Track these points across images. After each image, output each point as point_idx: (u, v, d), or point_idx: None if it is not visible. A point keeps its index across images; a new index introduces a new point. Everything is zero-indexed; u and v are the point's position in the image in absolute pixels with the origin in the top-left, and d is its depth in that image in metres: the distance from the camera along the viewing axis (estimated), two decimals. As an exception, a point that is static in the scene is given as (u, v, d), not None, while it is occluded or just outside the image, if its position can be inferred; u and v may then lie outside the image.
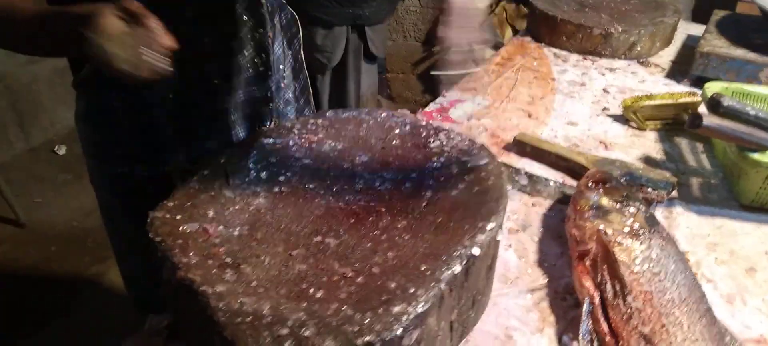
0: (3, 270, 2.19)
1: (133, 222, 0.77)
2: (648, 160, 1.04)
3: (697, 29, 1.63)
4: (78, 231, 2.37)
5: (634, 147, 1.09)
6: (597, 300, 0.69)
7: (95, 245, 2.28)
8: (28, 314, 1.99)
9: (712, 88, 1.05)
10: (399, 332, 0.52)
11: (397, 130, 0.86)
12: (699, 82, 1.26)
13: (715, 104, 0.87)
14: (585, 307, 0.68)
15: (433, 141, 0.83)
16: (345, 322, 0.53)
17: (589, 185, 0.84)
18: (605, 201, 0.79)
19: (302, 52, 1.08)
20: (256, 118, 0.94)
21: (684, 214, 0.91)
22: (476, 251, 0.61)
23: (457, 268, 0.59)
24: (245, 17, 0.86)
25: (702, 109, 1.04)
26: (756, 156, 0.87)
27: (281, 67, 1.00)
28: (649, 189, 0.91)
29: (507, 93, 1.30)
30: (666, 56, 1.48)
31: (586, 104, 1.25)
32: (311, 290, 0.57)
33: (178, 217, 0.68)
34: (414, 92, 3.27)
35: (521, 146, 1.07)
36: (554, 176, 1.00)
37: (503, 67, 1.42)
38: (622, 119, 1.17)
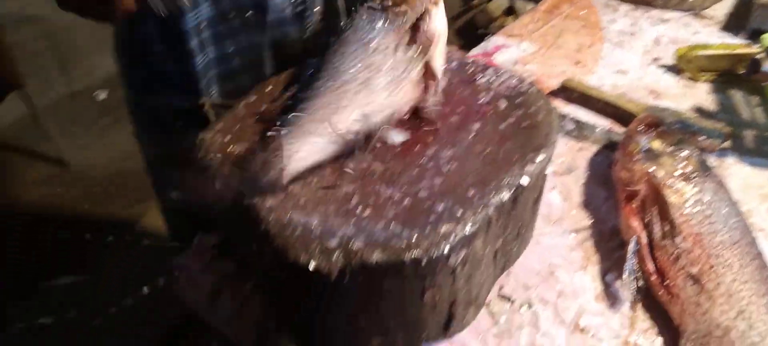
0: (46, 208, 2.28)
1: (170, 155, 0.79)
2: (700, 112, 1.00)
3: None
4: (118, 173, 2.43)
5: (686, 98, 1.05)
6: (644, 240, 0.67)
7: (135, 188, 2.34)
8: (68, 252, 2.07)
9: (774, 38, 1.00)
10: (446, 250, 0.52)
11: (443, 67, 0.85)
12: (755, 35, 1.20)
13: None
14: (631, 246, 0.67)
15: (481, 78, 0.81)
16: (393, 237, 0.53)
17: (640, 129, 0.81)
18: (656, 145, 0.77)
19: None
20: (290, 60, 0.94)
21: (736, 164, 0.88)
22: (525, 180, 0.61)
23: (506, 195, 0.59)
24: None
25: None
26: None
27: (317, 9, 0.98)
28: (702, 138, 0.88)
29: (553, 41, 1.26)
30: (721, 8, 1.41)
31: (636, 54, 1.21)
32: (359, 209, 0.58)
33: (228, 137, 0.68)
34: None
35: (568, 92, 1.04)
36: (602, 123, 0.98)
37: (549, 16, 1.37)
38: (674, 70, 1.13)
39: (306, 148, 0.61)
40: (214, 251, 0.74)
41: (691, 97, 1.05)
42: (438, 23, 0.73)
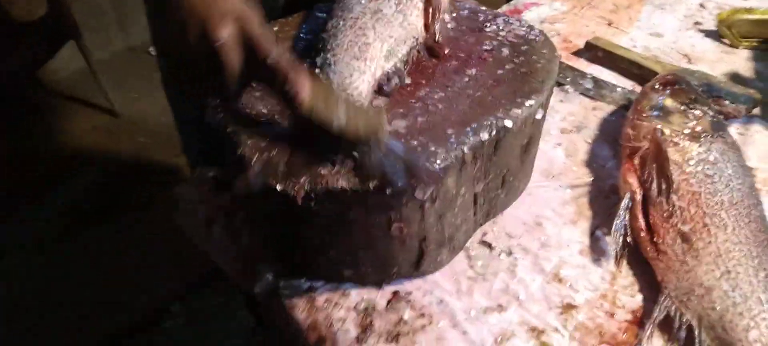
0: (97, 154, 2.41)
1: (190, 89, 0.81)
2: (735, 78, 0.94)
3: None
4: (166, 126, 2.51)
5: (722, 63, 0.98)
6: (638, 197, 0.65)
7: (179, 141, 2.44)
8: (115, 197, 2.19)
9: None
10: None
11: (454, 14, 0.83)
12: (813, 2, 1.10)
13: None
14: (624, 202, 0.64)
15: (490, 26, 0.79)
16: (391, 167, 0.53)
17: (656, 86, 0.77)
18: (669, 102, 0.73)
19: None
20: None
21: (761, 132, 0.82)
22: (508, 123, 0.59)
23: (485, 136, 0.57)
24: None
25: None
26: None
27: None
28: (727, 102, 0.83)
29: (589, 1, 1.20)
30: (783, -24, 1.30)
31: (676, 18, 1.14)
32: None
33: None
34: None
35: (593, 51, 1.00)
36: (624, 84, 0.93)
37: (589, -24, 1.31)
38: (714, 35, 1.06)
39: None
40: (212, 183, 0.77)
41: (727, 63, 0.99)
42: None
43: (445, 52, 0.71)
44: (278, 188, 0.53)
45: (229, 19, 0.51)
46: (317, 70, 0.63)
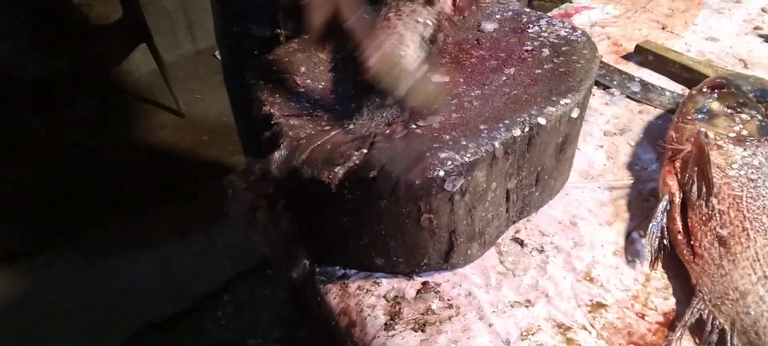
0: (163, 149, 2.56)
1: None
2: (795, 83, 0.89)
3: None
4: (226, 125, 2.65)
5: (782, 69, 0.94)
6: (677, 200, 0.63)
7: (237, 139, 2.55)
8: (177, 188, 2.31)
9: None
10: (441, 174, 0.54)
11: (498, 16, 0.84)
12: None
13: None
14: (662, 204, 0.63)
15: (532, 27, 0.80)
16: (393, 160, 0.55)
17: (704, 89, 0.75)
18: (716, 105, 0.71)
19: None
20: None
21: (821, 138, 0.78)
22: (542, 120, 0.60)
23: (517, 132, 0.58)
24: None
25: None
26: None
27: None
28: (782, 108, 0.79)
29: (644, 4, 1.18)
30: None
31: (735, 22, 1.10)
32: (374, 136, 0.60)
33: (274, 67, 0.74)
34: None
35: (643, 54, 0.98)
36: (674, 88, 0.91)
37: (645, -20, 1.28)
38: (775, 40, 1.02)
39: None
40: (258, 172, 0.81)
41: (788, 68, 0.94)
42: None
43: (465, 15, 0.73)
44: (310, 173, 0.56)
45: None
46: (358, 73, 0.65)
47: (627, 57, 1.01)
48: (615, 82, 0.91)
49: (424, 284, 0.63)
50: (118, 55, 2.75)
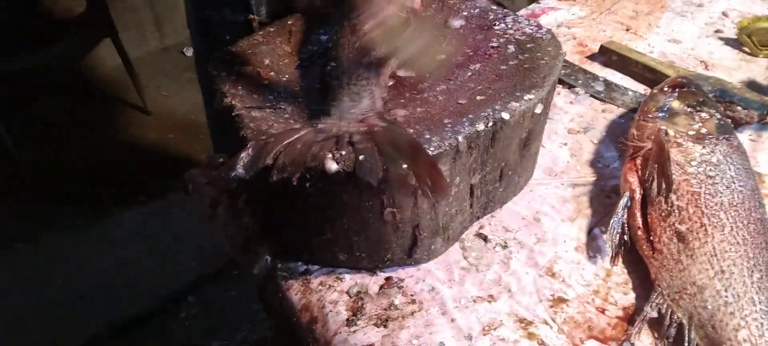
0: (128, 147, 2.49)
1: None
2: (752, 85, 0.92)
3: None
4: (193, 123, 2.60)
5: (740, 71, 0.97)
6: (637, 196, 0.64)
7: (206, 137, 2.50)
8: (142, 187, 2.25)
9: None
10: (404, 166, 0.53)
11: (465, 12, 0.84)
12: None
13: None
14: (623, 200, 0.64)
15: (499, 24, 0.80)
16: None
17: (665, 89, 0.77)
18: (676, 104, 0.73)
19: None
20: None
21: (776, 138, 0.80)
22: (505, 115, 0.60)
23: (480, 126, 0.58)
24: None
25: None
26: None
27: None
28: (739, 108, 0.81)
29: (609, 6, 1.20)
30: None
31: (697, 25, 1.12)
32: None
33: (238, 59, 0.73)
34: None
35: (608, 55, 0.99)
36: (637, 88, 0.92)
37: (611, -17, 1.30)
38: (734, 43, 1.04)
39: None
40: (220, 166, 0.79)
41: (745, 71, 0.97)
42: None
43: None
44: (280, 177, 0.54)
45: None
46: (328, 68, 0.64)
47: (592, 57, 1.02)
48: (579, 82, 0.92)
49: (388, 279, 0.62)
50: (82, 50, 2.68)
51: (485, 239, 0.66)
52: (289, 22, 0.82)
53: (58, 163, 2.36)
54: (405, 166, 0.51)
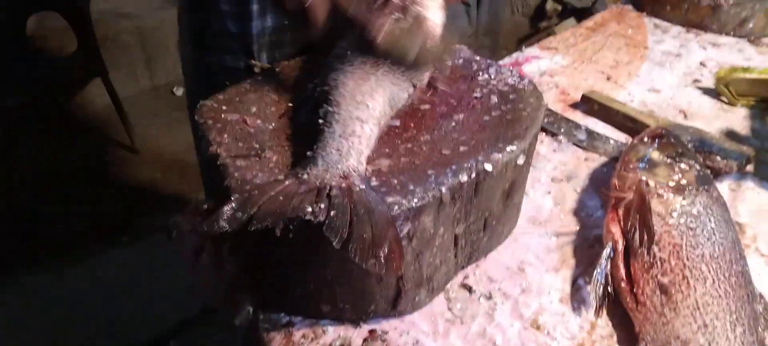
0: (115, 186, 2.48)
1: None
2: (730, 135, 0.94)
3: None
4: (182, 163, 2.60)
5: (719, 120, 0.99)
6: (620, 247, 0.65)
7: (194, 176, 2.50)
8: (128, 227, 2.23)
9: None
10: (387, 219, 0.53)
11: (448, 63, 0.86)
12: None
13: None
14: (605, 252, 0.65)
15: (482, 74, 0.82)
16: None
17: (645, 139, 0.78)
18: (656, 155, 0.74)
19: None
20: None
21: (753, 189, 0.82)
22: (488, 166, 0.60)
23: (464, 178, 0.59)
24: None
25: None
26: None
27: None
28: (718, 158, 0.83)
29: (590, 56, 1.23)
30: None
31: (676, 75, 1.15)
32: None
33: (225, 107, 0.73)
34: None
35: (589, 104, 1.01)
36: (618, 137, 0.94)
37: (593, 32, 1.34)
38: (712, 93, 1.07)
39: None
40: (204, 213, 0.79)
41: (724, 120, 0.99)
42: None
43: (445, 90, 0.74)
44: (260, 227, 0.54)
45: None
46: (320, 120, 0.64)
47: (574, 106, 1.04)
48: (562, 130, 0.94)
49: (371, 332, 0.62)
50: (72, 89, 2.69)
51: (470, 289, 0.65)
52: (276, 70, 0.83)
53: (42, 201, 2.33)
54: (370, 235, 0.51)
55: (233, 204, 0.54)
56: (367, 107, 0.64)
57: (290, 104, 0.75)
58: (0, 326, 1.75)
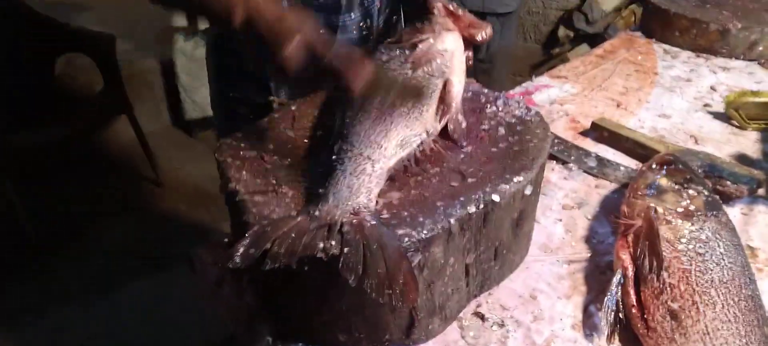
0: (139, 219, 2.54)
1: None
2: (741, 159, 0.94)
3: None
4: (204, 195, 2.65)
5: (729, 144, 1.00)
6: (630, 273, 0.66)
7: (216, 208, 2.55)
8: (151, 256, 2.27)
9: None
10: (398, 250, 0.55)
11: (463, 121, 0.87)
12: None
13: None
14: (616, 278, 0.66)
15: (490, 107, 0.84)
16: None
17: (654, 166, 0.79)
18: (664, 181, 0.75)
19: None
20: None
21: (765, 212, 0.82)
22: (496, 197, 0.62)
23: (472, 209, 0.61)
24: None
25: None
26: None
27: (376, 33, 1.06)
28: (729, 182, 0.83)
29: (600, 83, 1.25)
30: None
31: (686, 100, 1.16)
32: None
33: (243, 144, 0.77)
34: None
35: (599, 131, 1.03)
36: (629, 163, 0.95)
37: (603, 59, 1.36)
38: (722, 117, 1.08)
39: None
40: (225, 246, 0.82)
41: (735, 144, 1.00)
42: (449, 44, 0.78)
43: (463, 144, 0.73)
44: (272, 266, 0.56)
45: (294, 34, 0.61)
46: (333, 157, 0.67)
47: (584, 133, 1.06)
48: (572, 158, 0.95)
49: (386, 360, 0.63)
50: (99, 125, 2.77)
51: (482, 317, 0.67)
52: (292, 108, 0.87)
53: (69, 235, 2.40)
54: (384, 270, 0.53)
55: (246, 241, 0.57)
56: (379, 147, 0.67)
57: (306, 141, 0.78)
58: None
